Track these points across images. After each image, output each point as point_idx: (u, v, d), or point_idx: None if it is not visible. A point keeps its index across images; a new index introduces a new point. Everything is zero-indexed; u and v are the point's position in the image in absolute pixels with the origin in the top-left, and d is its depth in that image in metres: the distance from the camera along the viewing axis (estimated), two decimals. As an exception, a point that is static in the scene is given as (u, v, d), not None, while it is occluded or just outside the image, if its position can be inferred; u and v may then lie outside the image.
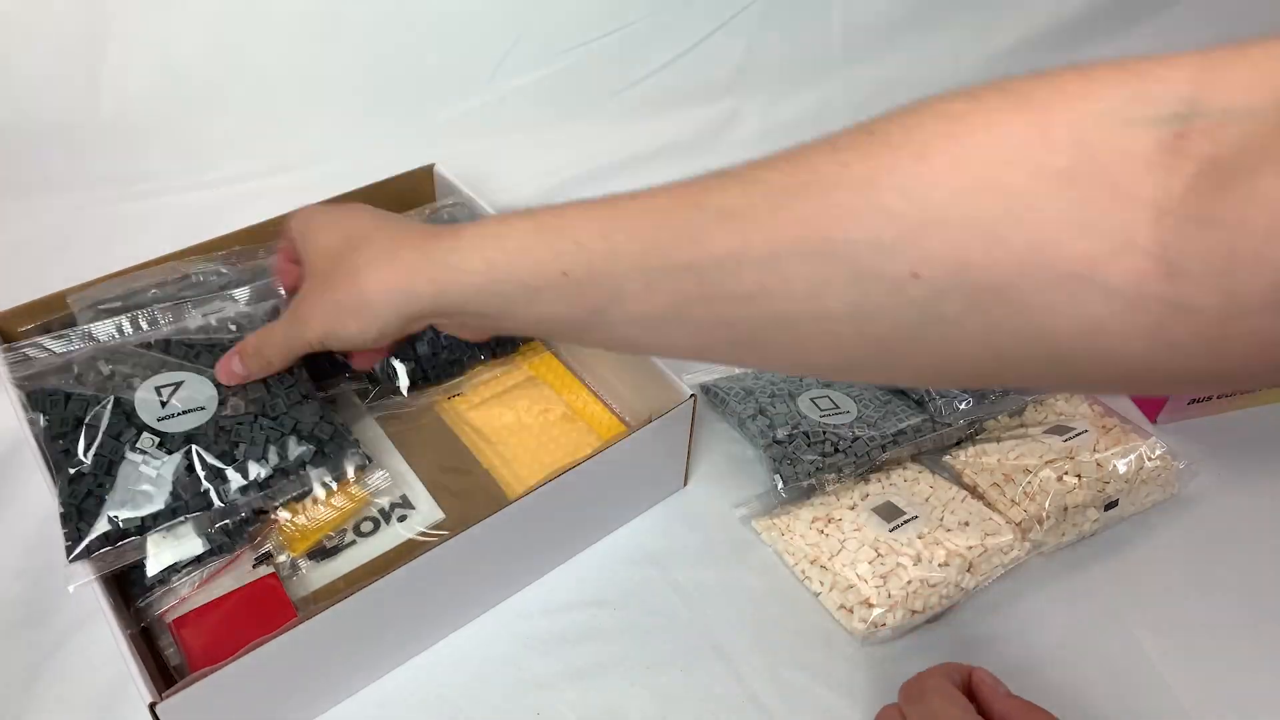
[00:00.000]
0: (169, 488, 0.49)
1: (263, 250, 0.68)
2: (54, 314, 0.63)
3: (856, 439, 0.62)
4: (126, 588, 0.51)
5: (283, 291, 0.59)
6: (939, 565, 0.55)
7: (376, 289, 0.45)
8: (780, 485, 0.60)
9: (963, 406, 0.64)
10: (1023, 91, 0.31)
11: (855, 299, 0.33)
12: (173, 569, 0.50)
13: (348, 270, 0.46)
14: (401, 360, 0.63)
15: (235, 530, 0.51)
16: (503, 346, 0.68)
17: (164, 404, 0.52)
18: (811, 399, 0.65)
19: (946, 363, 0.34)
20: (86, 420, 0.50)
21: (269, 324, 0.54)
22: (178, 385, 0.53)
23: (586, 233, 0.39)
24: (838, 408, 0.64)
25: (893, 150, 0.32)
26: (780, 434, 0.62)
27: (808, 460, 0.61)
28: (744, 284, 0.35)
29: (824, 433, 0.62)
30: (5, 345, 0.57)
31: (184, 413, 0.52)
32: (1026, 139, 0.30)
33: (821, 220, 0.33)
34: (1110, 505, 0.60)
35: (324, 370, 0.61)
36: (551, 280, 0.39)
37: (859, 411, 0.64)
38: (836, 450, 0.61)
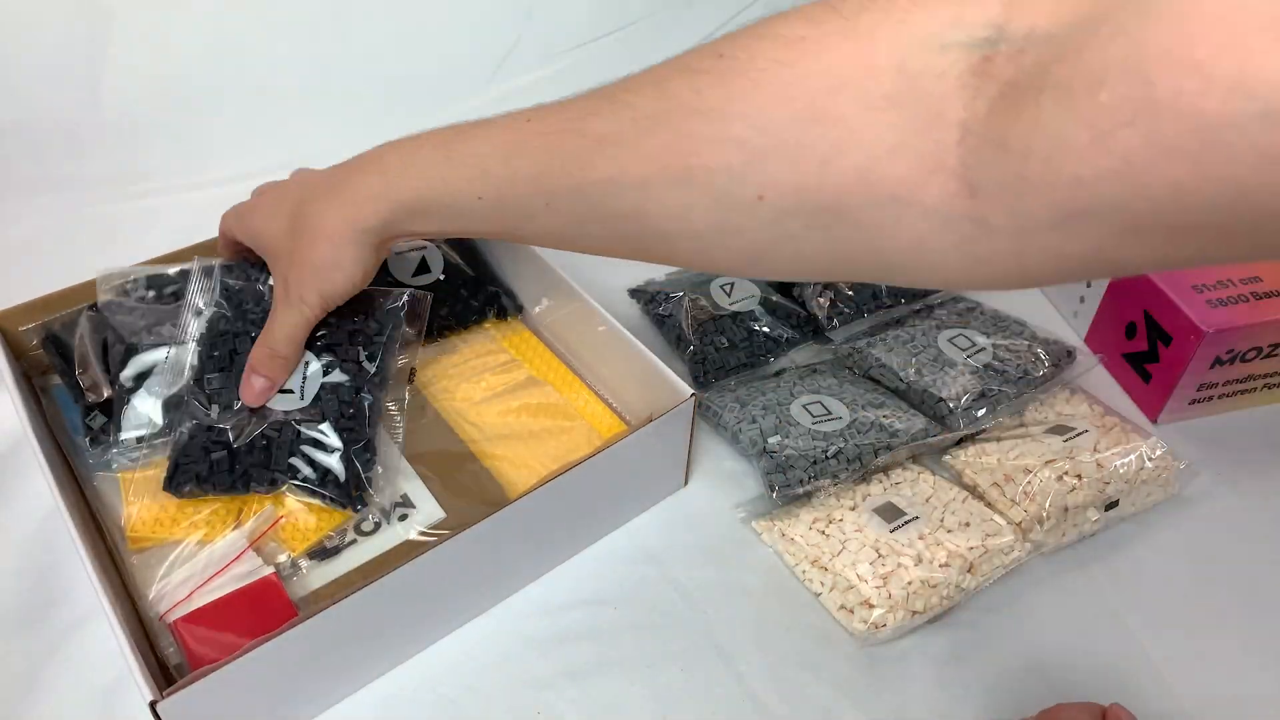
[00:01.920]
0: None
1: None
2: (54, 313, 0.63)
3: (848, 445, 0.61)
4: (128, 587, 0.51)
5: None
6: (940, 566, 0.55)
7: (340, 233, 0.49)
8: (774, 494, 0.60)
9: (980, 414, 0.64)
10: (852, 14, 0.33)
11: (717, 220, 0.37)
12: None
13: (307, 235, 0.50)
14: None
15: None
16: (500, 313, 0.70)
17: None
18: (803, 405, 0.64)
19: (801, 268, 0.38)
20: None
21: (265, 329, 0.54)
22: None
23: (491, 160, 0.44)
24: (830, 413, 0.64)
25: (737, 77, 0.35)
26: (771, 443, 0.62)
27: (800, 469, 0.60)
28: (625, 205, 0.39)
29: (814, 440, 0.62)
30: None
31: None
32: (853, 67, 0.32)
33: (682, 148, 0.36)
34: (1111, 505, 0.60)
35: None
36: (470, 205, 0.45)
37: (851, 416, 0.64)
38: (828, 457, 0.61)
